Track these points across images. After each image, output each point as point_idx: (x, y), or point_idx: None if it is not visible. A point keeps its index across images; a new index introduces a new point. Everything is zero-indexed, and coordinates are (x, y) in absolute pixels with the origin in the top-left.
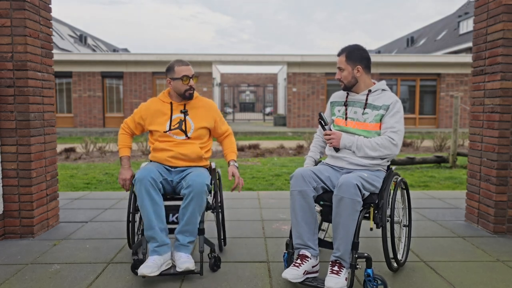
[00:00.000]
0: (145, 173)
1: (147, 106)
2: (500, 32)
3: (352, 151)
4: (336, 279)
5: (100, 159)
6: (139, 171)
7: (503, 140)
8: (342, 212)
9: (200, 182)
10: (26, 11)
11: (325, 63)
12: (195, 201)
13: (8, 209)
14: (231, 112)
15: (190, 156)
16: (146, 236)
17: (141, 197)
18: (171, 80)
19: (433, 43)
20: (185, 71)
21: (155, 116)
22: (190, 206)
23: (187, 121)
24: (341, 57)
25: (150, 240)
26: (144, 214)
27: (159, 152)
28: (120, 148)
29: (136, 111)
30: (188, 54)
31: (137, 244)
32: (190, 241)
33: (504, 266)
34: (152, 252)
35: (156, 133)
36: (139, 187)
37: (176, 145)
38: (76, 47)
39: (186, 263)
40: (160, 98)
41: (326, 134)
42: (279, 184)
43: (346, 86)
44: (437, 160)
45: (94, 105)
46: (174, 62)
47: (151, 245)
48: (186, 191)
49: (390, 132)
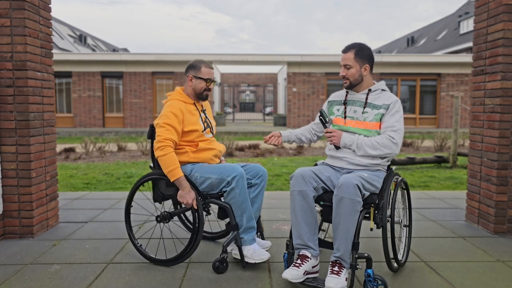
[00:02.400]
0: (241, 170)
1: (179, 108)
2: (500, 32)
3: (352, 149)
4: (336, 279)
5: (100, 159)
6: (227, 169)
7: (503, 140)
8: (342, 212)
9: (265, 171)
10: (26, 11)
11: (325, 63)
12: (264, 188)
13: (7, 209)
14: (231, 112)
15: (222, 152)
16: (247, 227)
17: (245, 192)
18: (194, 78)
19: (433, 43)
20: (211, 74)
21: (188, 117)
22: (261, 193)
23: (208, 120)
24: (349, 53)
25: (250, 229)
26: (246, 208)
27: (203, 152)
28: (175, 169)
29: (172, 119)
30: (188, 54)
31: (229, 242)
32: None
33: (505, 266)
34: (252, 240)
35: (193, 134)
36: (242, 183)
37: (211, 143)
38: (76, 47)
39: (266, 254)
40: (180, 100)
41: (327, 131)
42: (279, 184)
43: (352, 84)
44: (438, 160)
45: (94, 105)
46: (200, 61)
47: (251, 234)
48: (257, 180)
49: (390, 131)
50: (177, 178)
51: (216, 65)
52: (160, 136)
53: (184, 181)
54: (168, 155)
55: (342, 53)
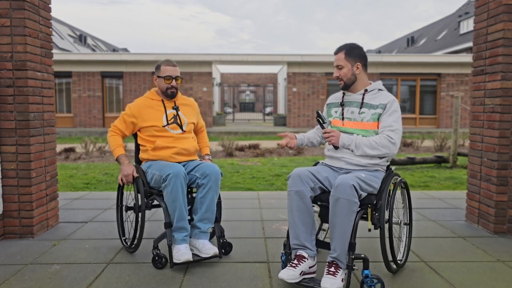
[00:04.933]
0: (178, 169)
1: (136, 104)
2: (500, 32)
3: (351, 149)
4: (332, 280)
5: (100, 159)
6: (167, 167)
7: (503, 140)
8: (338, 213)
9: (216, 171)
10: (25, 11)
11: (325, 63)
12: (213, 189)
13: (7, 209)
14: (231, 112)
15: (190, 150)
16: (176, 227)
17: (176, 191)
18: (157, 78)
19: (433, 43)
20: (169, 71)
21: (148, 112)
22: (209, 194)
23: (180, 116)
24: (339, 54)
25: (180, 230)
26: (176, 207)
27: (161, 150)
28: (114, 149)
29: (125, 112)
30: (188, 54)
31: (160, 238)
32: (209, 228)
33: (505, 266)
34: (181, 241)
35: (151, 129)
36: (175, 182)
37: (175, 140)
38: (76, 47)
39: (213, 249)
40: (148, 97)
41: (325, 132)
42: (279, 184)
43: (346, 84)
44: (438, 160)
45: (94, 105)
46: (162, 61)
47: (180, 234)
48: (204, 181)
49: (388, 131)
50: (117, 156)
51: (216, 65)
52: (112, 124)
53: (123, 157)
54: (110, 137)
55: (334, 54)
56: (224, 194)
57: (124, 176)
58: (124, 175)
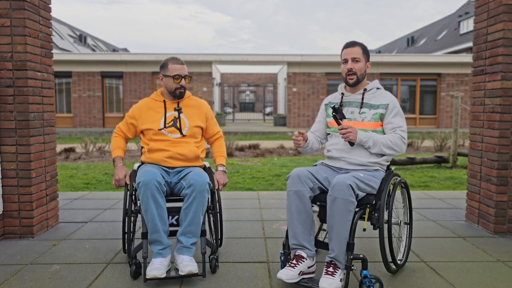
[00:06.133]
0: (150, 177)
1: (138, 105)
2: (500, 32)
3: (368, 146)
4: (330, 280)
5: (100, 159)
6: (142, 174)
7: (503, 140)
8: (335, 213)
9: (202, 181)
10: (25, 11)
11: (325, 63)
12: (198, 201)
13: (7, 209)
14: (231, 112)
15: (187, 156)
16: (150, 239)
17: (146, 201)
18: (163, 77)
19: (433, 43)
20: (178, 70)
21: (148, 114)
22: (193, 206)
23: (182, 119)
24: (356, 48)
25: (155, 243)
26: (148, 218)
27: (154, 152)
28: (113, 150)
29: (128, 113)
30: (188, 54)
31: (137, 248)
32: (193, 243)
33: (505, 267)
34: (157, 254)
35: (149, 132)
36: (144, 191)
37: (172, 144)
38: (76, 47)
39: (189, 267)
40: (152, 98)
41: (342, 128)
42: (279, 184)
43: (358, 79)
44: (438, 160)
45: (94, 105)
46: (169, 59)
47: (155, 247)
48: (188, 191)
49: (400, 131)
50: (113, 157)
51: (216, 65)
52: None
53: (118, 159)
54: (112, 139)
55: (347, 47)
56: (224, 194)
57: (116, 180)
58: (116, 179)
